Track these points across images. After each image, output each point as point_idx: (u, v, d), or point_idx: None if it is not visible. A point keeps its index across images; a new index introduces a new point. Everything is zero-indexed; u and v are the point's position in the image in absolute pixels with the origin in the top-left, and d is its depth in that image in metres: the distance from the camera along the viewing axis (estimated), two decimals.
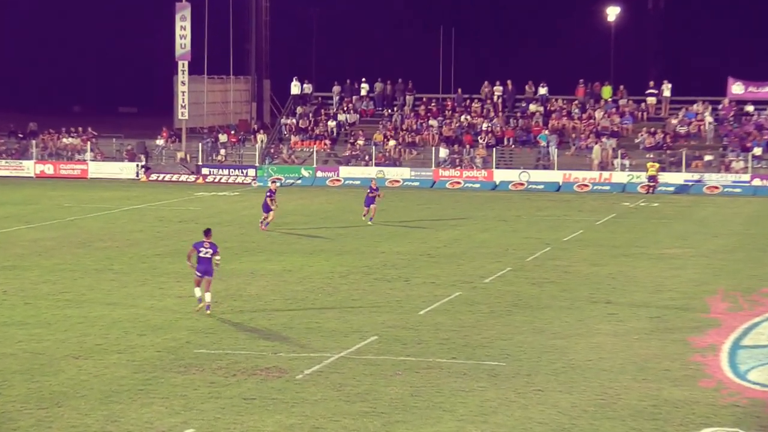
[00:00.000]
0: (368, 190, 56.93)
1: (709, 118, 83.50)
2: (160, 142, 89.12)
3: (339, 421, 23.56)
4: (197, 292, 34.27)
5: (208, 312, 33.87)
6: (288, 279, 40.43)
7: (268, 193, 53.74)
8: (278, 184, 58.33)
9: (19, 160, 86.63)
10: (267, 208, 53.10)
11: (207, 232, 35.27)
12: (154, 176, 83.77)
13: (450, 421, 23.83)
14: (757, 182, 76.12)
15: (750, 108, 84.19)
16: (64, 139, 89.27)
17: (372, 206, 56.16)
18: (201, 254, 34.29)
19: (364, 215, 56.28)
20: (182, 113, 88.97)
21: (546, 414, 24.37)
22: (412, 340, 30.81)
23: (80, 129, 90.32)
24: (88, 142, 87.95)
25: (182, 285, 39.02)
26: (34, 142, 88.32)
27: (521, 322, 33.37)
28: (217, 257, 34.53)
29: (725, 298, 37.09)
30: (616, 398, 25.56)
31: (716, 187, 75.22)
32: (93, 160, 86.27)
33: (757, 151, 78.90)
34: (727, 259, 45.27)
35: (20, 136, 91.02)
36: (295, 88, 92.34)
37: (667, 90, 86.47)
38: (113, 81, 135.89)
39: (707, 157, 79.22)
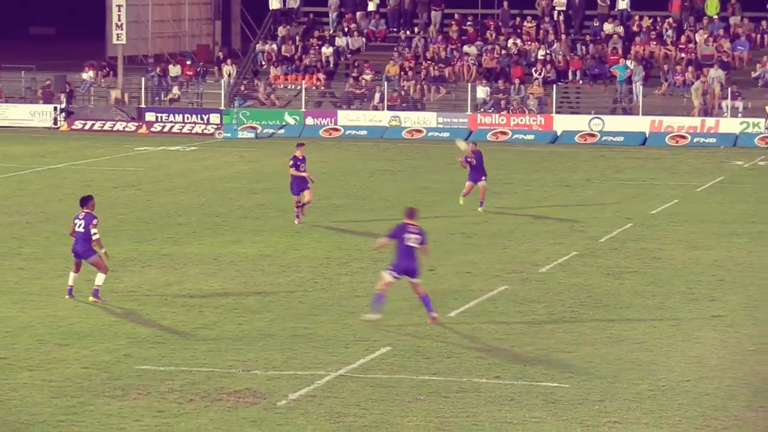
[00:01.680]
0: (464, 157, 51.93)
1: None
2: (87, 76, 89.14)
3: None
4: (71, 278, 35.78)
5: (92, 300, 35.53)
6: (266, 268, 40.60)
7: (293, 162, 49.02)
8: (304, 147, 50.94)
9: None
10: (298, 187, 48.36)
11: (85, 201, 36.41)
12: (78, 123, 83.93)
13: None
14: None
15: None
16: None
17: (481, 182, 51.54)
18: (76, 228, 35.75)
19: (465, 194, 52.68)
20: (118, 36, 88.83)
21: None
22: (439, 353, 30.95)
23: None
24: None
25: (118, 275, 39.22)
26: None
27: (591, 328, 33.49)
28: (94, 231, 35.54)
29: None
30: None
31: None
32: None
33: None
34: None
35: None
36: (275, 1, 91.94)
37: None
38: None
39: None
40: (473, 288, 37.90)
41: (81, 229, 35.23)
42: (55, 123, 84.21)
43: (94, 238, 35.30)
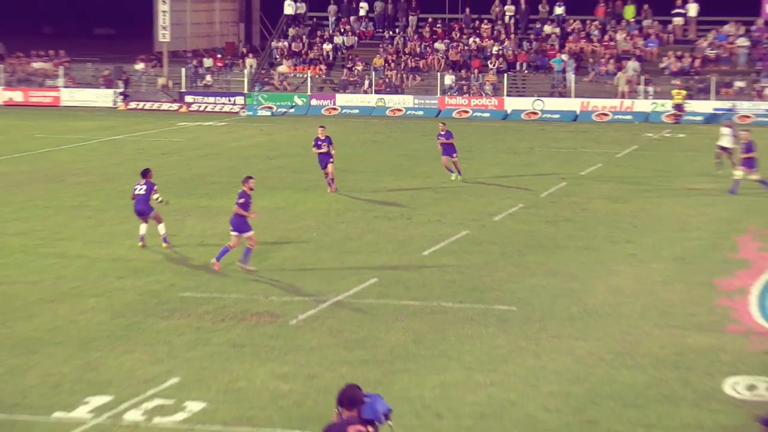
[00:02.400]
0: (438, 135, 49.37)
1: (741, 41, 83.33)
2: (139, 66, 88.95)
3: (336, 369, 23.78)
4: (142, 229, 36.04)
5: (165, 246, 35.67)
6: (280, 217, 40.59)
7: (315, 143, 46.04)
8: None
9: None
10: (323, 162, 45.66)
11: (145, 173, 36.55)
12: (132, 104, 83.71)
13: (456, 370, 24.05)
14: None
15: None
16: (34, 64, 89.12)
17: (452, 157, 48.89)
18: (136, 192, 35.99)
19: (448, 167, 49.23)
20: (163, 35, 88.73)
21: (560, 362, 24.60)
22: (416, 283, 31.01)
23: (52, 52, 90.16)
24: (61, 67, 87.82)
25: (165, 223, 39.22)
26: (1, 66, 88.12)
27: (534, 264, 33.56)
28: (155, 195, 35.86)
29: (756, 238, 37.40)
30: (636, 345, 25.76)
31: (748, 117, 74.91)
32: (66, 87, 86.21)
33: None
34: (760, 196, 45.35)
35: None
36: (288, 8, 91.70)
37: (694, 9, 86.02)
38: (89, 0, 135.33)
39: (738, 84, 79.08)
40: (442, 233, 37.89)
41: (142, 192, 35.33)
42: (114, 104, 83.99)
43: (159, 201, 35.81)
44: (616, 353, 25.19)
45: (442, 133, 48.59)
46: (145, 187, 35.53)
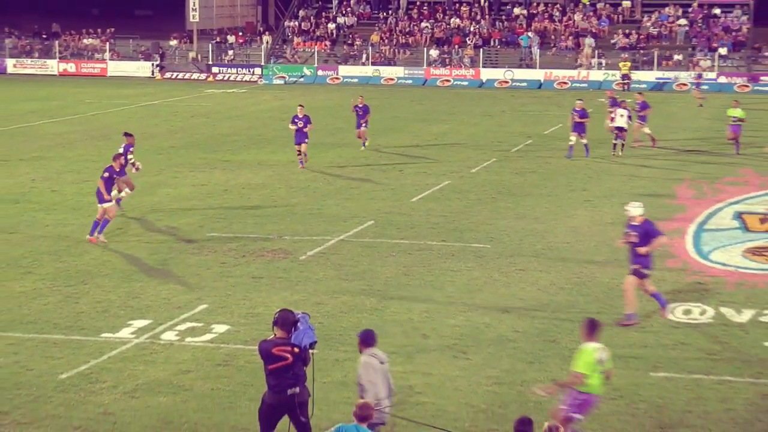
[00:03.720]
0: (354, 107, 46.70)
1: (680, 21, 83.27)
2: (173, 43, 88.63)
3: (339, 297, 23.85)
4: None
5: None
6: (291, 169, 40.54)
7: (293, 120, 41.35)
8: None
9: (43, 59, 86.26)
10: (298, 139, 41.08)
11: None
12: (168, 74, 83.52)
13: (440, 298, 24.10)
14: (722, 80, 76.03)
15: (717, 11, 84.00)
16: (85, 40, 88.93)
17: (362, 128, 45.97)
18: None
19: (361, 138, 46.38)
20: (193, 16, 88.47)
21: (527, 291, 24.65)
22: (406, 225, 31.02)
23: (99, 30, 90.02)
24: (107, 43, 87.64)
25: (195, 174, 39.16)
26: (56, 42, 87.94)
27: (505, 209, 33.56)
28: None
29: (691, 187, 37.37)
30: (591, 277, 25.81)
31: (685, 85, 75.02)
32: (111, 60, 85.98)
33: (723, 51, 78.77)
34: (693, 151, 45.34)
35: (44, 36, 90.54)
36: None
37: None
38: None
39: (677, 57, 79.09)
40: (427, 183, 37.87)
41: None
42: (152, 74, 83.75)
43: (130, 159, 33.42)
44: (574, 283, 25.24)
45: (360, 106, 46.30)
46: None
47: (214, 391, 18.71)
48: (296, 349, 14.98)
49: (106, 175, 29.30)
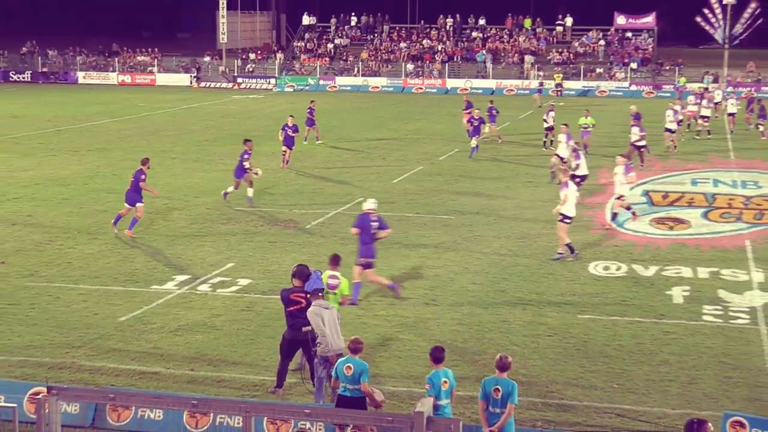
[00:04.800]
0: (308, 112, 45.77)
1: (600, 42, 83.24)
2: (207, 59, 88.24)
3: None
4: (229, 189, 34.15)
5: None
6: (301, 158, 40.39)
7: (284, 128, 38.01)
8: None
9: (106, 72, 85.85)
10: (288, 143, 37.65)
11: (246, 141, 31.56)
12: (203, 84, 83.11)
13: (415, 257, 24.08)
14: (633, 87, 76.06)
15: (629, 34, 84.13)
16: (138, 57, 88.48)
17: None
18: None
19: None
20: (222, 38, 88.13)
21: (483, 252, 24.64)
22: (388, 200, 30.93)
23: (149, 49, 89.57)
24: (155, 59, 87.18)
25: (224, 162, 39.02)
26: (116, 59, 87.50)
27: (465, 188, 33.51)
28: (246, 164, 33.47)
29: (609, 171, 37.25)
30: (533, 241, 25.81)
31: (604, 92, 75.08)
32: (159, 72, 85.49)
33: (634, 65, 78.96)
34: (613, 143, 45.30)
35: (106, 54, 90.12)
36: (305, 19, 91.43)
37: (570, 21, 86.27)
38: (173, 13, 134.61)
39: (598, 70, 79.07)
40: (405, 168, 37.79)
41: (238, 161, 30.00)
42: (191, 84, 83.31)
43: (246, 166, 29.83)
44: (519, 246, 25.24)
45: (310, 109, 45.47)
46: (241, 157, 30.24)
47: (239, 330, 18.69)
48: (309, 295, 15.17)
49: (143, 177, 26.51)
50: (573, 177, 27.12)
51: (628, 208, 28.45)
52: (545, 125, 43.74)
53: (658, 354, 17.50)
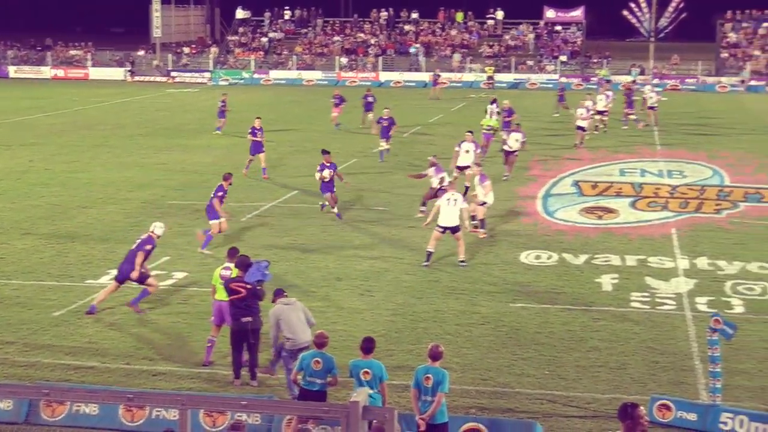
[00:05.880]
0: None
1: (530, 35, 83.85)
2: (141, 53, 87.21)
3: (271, 250, 23.70)
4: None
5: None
6: (234, 151, 40.14)
7: (251, 130, 34.98)
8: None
9: (38, 66, 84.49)
10: (254, 150, 34.66)
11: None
12: (137, 78, 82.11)
13: (350, 249, 24.09)
14: (563, 80, 76.51)
15: (559, 28, 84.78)
16: (71, 51, 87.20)
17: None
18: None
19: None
20: (156, 32, 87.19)
21: (416, 243, 24.68)
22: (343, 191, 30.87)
23: (82, 43, 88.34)
24: (89, 53, 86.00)
25: (158, 155, 38.66)
26: (49, 53, 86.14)
27: (399, 180, 33.51)
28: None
29: (540, 162, 37.60)
30: (464, 232, 25.84)
31: (535, 84, 75.66)
32: (92, 66, 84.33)
33: (563, 58, 79.60)
34: (542, 133, 45.63)
35: (39, 48, 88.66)
36: (239, 13, 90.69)
37: (501, 15, 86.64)
38: (106, 8, 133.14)
39: (529, 63, 79.63)
40: (340, 160, 37.56)
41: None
42: (125, 78, 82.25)
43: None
44: (453, 237, 25.26)
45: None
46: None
47: (175, 323, 18.55)
48: (248, 286, 15.15)
49: (220, 194, 24.36)
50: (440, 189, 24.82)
51: (480, 222, 25.75)
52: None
53: (588, 340, 17.70)
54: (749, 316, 18.98)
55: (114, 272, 20.41)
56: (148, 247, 19.16)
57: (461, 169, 30.31)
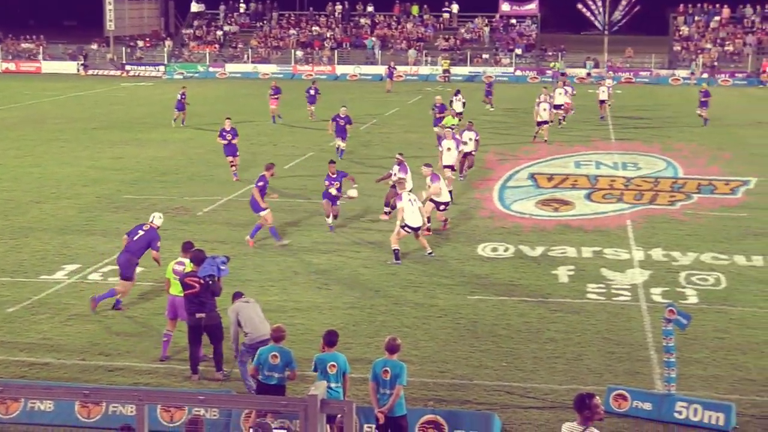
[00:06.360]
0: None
1: (486, 29, 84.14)
2: (94, 46, 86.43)
3: (228, 244, 23.62)
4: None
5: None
6: (190, 145, 39.97)
7: (220, 133, 32.60)
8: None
9: None
10: (228, 151, 32.22)
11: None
12: (91, 71, 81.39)
13: (306, 243, 24.05)
14: (518, 73, 77.12)
15: (514, 21, 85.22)
16: (23, 44, 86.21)
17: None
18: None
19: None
20: (110, 25, 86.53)
21: (374, 236, 24.64)
22: (280, 186, 30.75)
23: (34, 37, 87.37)
24: (41, 47, 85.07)
25: (113, 149, 38.35)
26: (0, 46, 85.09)
27: (356, 172, 33.41)
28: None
29: (496, 155, 37.80)
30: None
31: (490, 77, 75.59)
32: (44, 60, 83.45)
33: (518, 51, 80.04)
34: (498, 125, 45.82)
35: None
36: (193, 6, 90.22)
37: (455, 8, 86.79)
38: (59, 0, 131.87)
39: (484, 56, 79.98)
40: (295, 153, 37.64)
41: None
42: (78, 71, 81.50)
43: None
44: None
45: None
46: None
47: (130, 318, 18.42)
48: (202, 281, 15.08)
49: (261, 184, 23.84)
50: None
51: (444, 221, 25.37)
52: (455, 110, 44.19)
53: (544, 332, 17.81)
54: (703, 307, 19.20)
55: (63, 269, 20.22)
56: (158, 243, 18.97)
57: (447, 167, 29.18)
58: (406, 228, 22.31)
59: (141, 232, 19.01)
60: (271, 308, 18.85)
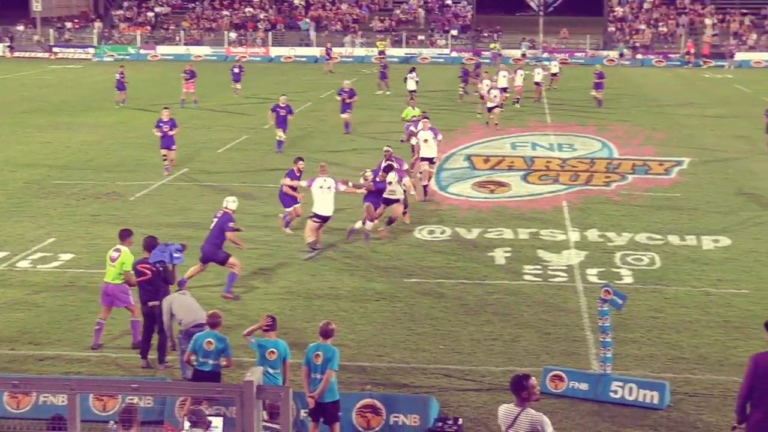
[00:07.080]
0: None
1: (420, 9, 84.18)
2: (20, 28, 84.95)
3: (161, 229, 23.28)
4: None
5: None
6: (120, 129, 39.53)
7: (158, 125, 30.20)
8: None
9: None
10: (165, 143, 29.99)
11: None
12: (17, 54, 80.00)
13: (242, 227, 23.85)
14: (454, 54, 77.36)
15: (449, 2, 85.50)
16: None
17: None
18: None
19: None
20: (37, 6, 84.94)
21: (305, 215, 24.54)
22: (214, 170, 30.63)
23: None
24: None
25: (42, 134, 37.79)
26: None
27: (291, 154, 33.25)
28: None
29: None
30: (358, 209, 25.87)
31: (426, 59, 76.08)
32: None
33: (454, 32, 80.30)
34: (436, 109, 45.90)
35: None
36: None
37: None
38: None
39: (420, 37, 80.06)
40: (230, 137, 37.35)
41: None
42: (3, 54, 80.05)
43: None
44: (346, 214, 25.25)
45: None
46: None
47: (61, 306, 18.20)
48: (153, 268, 14.99)
49: (287, 179, 23.26)
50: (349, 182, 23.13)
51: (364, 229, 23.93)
52: (408, 89, 46.17)
53: (481, 314, 17.94)
54: (638, 286, 19.48)
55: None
56: (232, 224, 18.71)
57: (425, 160, 27.45)
58: (314, 218, 21.73)
59: (215, 219, 19.02)
60: (204, 294, 18.74)
